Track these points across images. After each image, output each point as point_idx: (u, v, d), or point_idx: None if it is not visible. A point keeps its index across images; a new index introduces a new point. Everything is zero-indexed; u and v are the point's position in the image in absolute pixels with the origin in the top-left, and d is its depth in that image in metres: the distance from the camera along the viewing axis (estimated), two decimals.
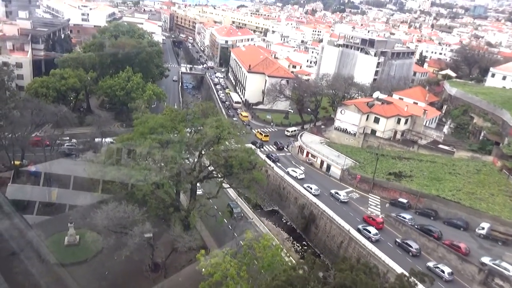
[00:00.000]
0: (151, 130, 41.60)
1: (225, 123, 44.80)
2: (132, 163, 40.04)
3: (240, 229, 41.78)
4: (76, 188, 59.84)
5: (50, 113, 74.12)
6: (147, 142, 39.81)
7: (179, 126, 43.24)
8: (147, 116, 45.86)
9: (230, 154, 41.18)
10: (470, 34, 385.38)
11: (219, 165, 42.25)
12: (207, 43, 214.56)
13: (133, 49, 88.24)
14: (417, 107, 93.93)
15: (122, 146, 41.72)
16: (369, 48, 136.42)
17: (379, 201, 69.73)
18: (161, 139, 40.94)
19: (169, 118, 44.75)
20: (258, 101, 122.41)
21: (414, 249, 54.63)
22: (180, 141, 40.71)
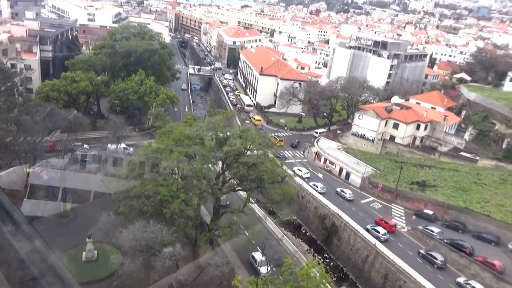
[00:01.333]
0: (176, 142, 39.10)
1: (253, 133, 42.32)
2: (159, 179, 37.52)
3: (272, 249, 39.16)
4: (91, 198, 57.95)
5: (62, 118, 71.99)
6: (173, 156, 37.28)
7: (205, 137, 40.73)
8: (171, 126, 43.30)
9: (261, 168, 38.66)
10: (476, 35, 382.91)
11: (248, 179, 39.71)
12: (214, 44, 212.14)
13: (146, 51, 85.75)
14: (436, 112, 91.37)
15: (146, 159, 39.18)
16: (382, 50, 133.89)
17: (403, 211, 67.25)
18: (188, 152, 38.46)
19: (195, 129, 42.21)
20: (269, 104, 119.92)
21: (439, 261, 52.58)
22: (207, 154, 38.21)
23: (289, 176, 45.92)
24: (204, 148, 38.81)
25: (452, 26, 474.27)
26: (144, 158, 39.17)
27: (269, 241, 42.31)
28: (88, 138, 78.64)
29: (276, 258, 37.06)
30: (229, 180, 45.98)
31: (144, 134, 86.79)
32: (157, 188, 36.27)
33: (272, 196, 40.99)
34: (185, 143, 39.23)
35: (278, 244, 45.51)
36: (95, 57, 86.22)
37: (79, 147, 73.79)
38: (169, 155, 37.75)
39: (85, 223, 52.95)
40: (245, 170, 38.27)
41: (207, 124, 45.17)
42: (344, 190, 71.05)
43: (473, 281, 49.66)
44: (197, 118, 50.77)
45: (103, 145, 76.94)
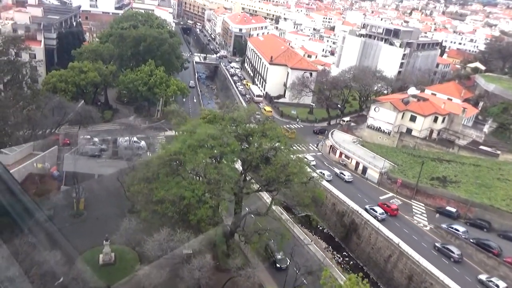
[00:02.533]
0: (200, 142, 36.62)
1: (279, 132, 39.90)
2: (183, 182, 35.15)
3: (302, 257, 37.00)
4: (105, 196, 55.85)
5: (71, 110, 69.67)
6: (199, 158, 34.92)
7: (230, 137, 38.28)
8: (193, 124, 40.68)
9: (290, 170, 36.29)
10: (483, 22, 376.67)
11: (276, 181, 37.35)
12: (219, 31, 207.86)
13: (155, 40, 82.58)
14: (454, 104, 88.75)
15: (168, 160, 36.69)
16: (394, 38, 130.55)
17: (424, 209, 65.13)
18: (214, 153, 36.10)
19: (219, 128, 39.68)
20: (279, 94, 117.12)
21: (456, 255, 51.61)
22: (232, 156, 35.87)
23: (318, 177, 43.34)
24: (230, 149, 36.48)
25: (458, 13, 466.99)
26: (166, 159, 36.69)
27: (297, 247, 40.15)
28: (97, 131, 76.33)
29: (306, 265, 35.03)
30: (251, 180, 43.73)
31: (154, 127, 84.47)
32: (181, 192, 34.01)
33: (301, 199, 38.78)
34: (210, 143, 36.82)
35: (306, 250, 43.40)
36: (102, 46, 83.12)
37: (88, 140, 71.51)
38: (194, 157, 35.37)
39: (100, 222, 51.10)
40: (273, 172, 35.94)
41: (229, 121, 42.64)
42: (343, 172, 72.67)
43: (496, 278, 48.26)
44: (217, 115, 48.02)
45: (112, 138, 74.74)
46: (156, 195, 34.13)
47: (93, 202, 55.01)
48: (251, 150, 36.55)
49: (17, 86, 56.09)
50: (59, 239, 43.46)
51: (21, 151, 54.53)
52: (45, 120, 57.57)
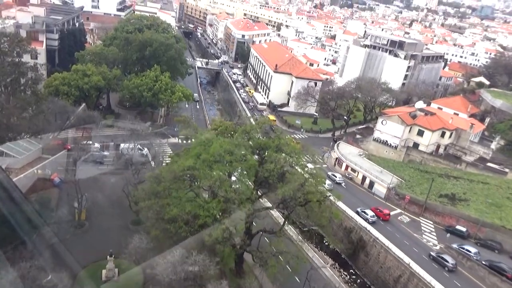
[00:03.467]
0: (216, 158, 34.88)
1: (296, 148, 38.31)
2: (198, 200, 33.34)
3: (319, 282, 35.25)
4: (108, 206, 53.84)
5: (73, 114, 67.74)
6: (215, 175, 33.17)
7: (247, 152, 36.63)
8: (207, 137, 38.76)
9: (308, 189, 34.64)
10: (482, 35, 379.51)
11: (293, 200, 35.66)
12: (221, 36, 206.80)
13: (161, 45, 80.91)
14: (461, 119, 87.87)
15: (182, 176, 34.87)
16: (399, 50, 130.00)
17: (433, 227, 63.75)
18: (230, 170, 34.40)
19: (235, 142, 37.93)
20: (282, 103, 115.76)
21: (451, 264, 52.46)
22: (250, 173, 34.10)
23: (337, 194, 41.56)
24: (247, 165, 34.82)
25: (457, 25, 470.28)
26: (179, 174, 34.83)
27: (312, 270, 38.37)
28: (99, 136, 74.40)
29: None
30: (262, 196, 42.03)
31: (157, 133, 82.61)
32: (196, 211, 32.25)
33: (318, 219, 37.10)
34: (227, 159, 35.13)
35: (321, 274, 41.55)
36: (107, 50, 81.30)
37: (90, 146, 69.52)
38: (209, 173, 33.64)
39: (103, 234, 49.09)
40: (290, 191, 34.28)
41: (241, 134, 40.97)
42: (335, 174, 74.29)
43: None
44: (228, 126, 46.31)
45: (115, 144, 72.87)
46: (168, 213, 32.32)
47: (95, 211, 52.97)
48: (269, 167, 34.87)
49: (20, 89, 54.03)
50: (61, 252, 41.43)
51: (29, 154, 52.63)
52: (48, 125, 55.56)
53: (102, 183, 58.22)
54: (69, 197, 52.76)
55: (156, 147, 73.57)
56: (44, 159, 54.53)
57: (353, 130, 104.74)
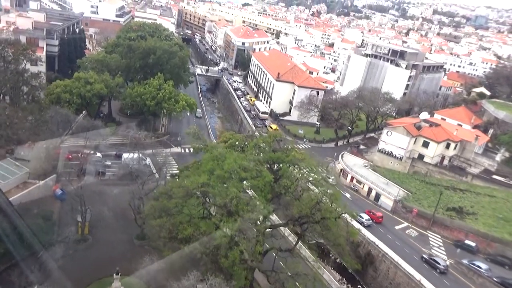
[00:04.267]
0: (231, 174, 33.60)
1: (311, 162, 37.17)
2: (214, 219, 31.95)
3: None
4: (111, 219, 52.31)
5: (76, 123, 66.29)
6: (231, 192, 31.81)
7: (262, 168, 35.41)
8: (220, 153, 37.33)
9: (325, 206, 33.50)
10: (477, 45, 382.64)
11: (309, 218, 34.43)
12: (220, 43, 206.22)
13: (165, 53, 79.75)
14: (466, 131, 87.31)
15: (196, 193, 33.48)
16: (400, 60, 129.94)
17: (441, 241, 62.72)
18: (246, 187, 33.15)
19: (251, 157, 36.70)
20: (284, 111, 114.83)
21: (442, 266, 53.89)
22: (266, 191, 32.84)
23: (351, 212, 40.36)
24: (263, 182, 33.60)
25: (452, 34, 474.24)
26: (192, 190, 33.42)
27: None
28: (101, 145, 72.82)
29: None
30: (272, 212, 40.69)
31: (160, 142, 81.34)
32: (211, 231, 30.90)
33: (335, 238, 35.89)
34: (242, 176, 33.87)
35: None
36: (109, 57, 79.99)
37: (92, 155, 67.95)
38: (224, 190, 32.31)
39: (107, 249, 47.55)
40: (307, 209, 33.05)
41: (253, 148, 39.74)
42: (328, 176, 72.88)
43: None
44: (239, 139, 45.01)
45: (117, 154, 71.41)
46: (182, 232, 30.91)
47: (98, 225, 51.42)
48: (285, 183, 33.68)
49: (23, 98, 52.45)
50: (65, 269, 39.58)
51: (15, 179, 49.60)
52: (50, 135, 54.07)
53: (105, 195, 56.79)
54: (72, 210, 51.22)
55: (159, 157, 72.23)
56: (30, 185, 51.50)
57: (355, 140, 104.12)
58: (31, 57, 60.32)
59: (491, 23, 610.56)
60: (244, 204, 31.70)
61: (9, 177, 48.32)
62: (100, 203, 53.78)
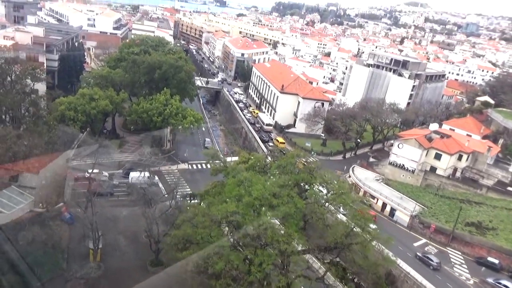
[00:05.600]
0: (261, 201, 31.38)
1: (343, 186, 35.12)
2: (247, 252, 29.55)
3: None
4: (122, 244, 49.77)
5: (81, 141, 63.90)
6: (264, 221, 29.51)
7: (292, 193, 33.33)
8: (245, 177, 35.09)
9: (357, 232, 31.46)
10: (471, 52, 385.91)
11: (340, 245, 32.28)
12: (218, 54, 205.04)
13: (171, 67, 77.78)
14: (478, 142, 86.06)
15: (224, 223, 31.17)
16: (403, 69, 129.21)
17: (462, 258, 60.74)
18: (278, 215, 30.93)
19: (280, 182, 34.54)
20: (289, 123, 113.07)
21: (435, 263, 55.37)
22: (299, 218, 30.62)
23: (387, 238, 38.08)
24: (295, 209, 31.49)
25: (445, 42, 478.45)
26: (219, 219, 31.14)
27: None
28: (107, 164, 70.30)
29: None
30: None
31: (166, 159, 78.95)
32: (245, 266, 28.55)
33: (371, 267, 33.72)
34: (274, 203, 31.71)
35: None
36: (114, 72, 77.79)
37: (98, 175, 65.33)
38: (256, 219, 30.07)
39: (121, 277, 44.96)
40: (342, 237, 30.84)
41: (276, 169, 37.65)
42: None
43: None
44: (260, 159, 42.69)
45: (124, 172, 69.03)
46: (213, 267, 28.53)
47: (110, 250, 48.90)
48: (315, 209, 31.60)
49: (30, 120, 49.99)
50: None
51: (19, 209, 46.84)
52: (56, 156, 51.59)
53: (114, 217, 54.09)
54: (82, 234, 48.64)
55: (168, 175, 70.04)
56: (37, 213, 48.84)
57: (363, 152, 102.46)
58: (40, 76, 57.85)
59: (482, 30, 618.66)
60: (278, 235, 29.36)
61: (14, 207, 45.50)
62: (110, 226, 51.24)
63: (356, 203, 36.01)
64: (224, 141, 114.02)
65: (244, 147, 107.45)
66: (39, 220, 45.29)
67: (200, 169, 76.53)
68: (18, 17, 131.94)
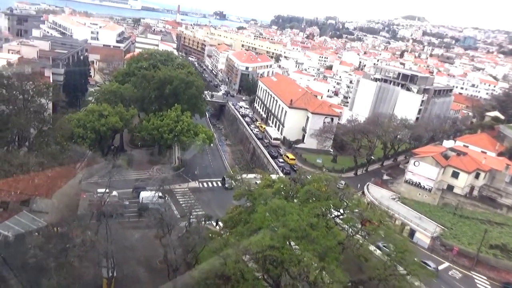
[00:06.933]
0: (298, 233, 28.82)
1: (382, 214, 32.74)
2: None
3: None
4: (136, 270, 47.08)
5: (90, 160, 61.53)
6: (307, 258, 26.88)
7: (331, 223, 30.95)
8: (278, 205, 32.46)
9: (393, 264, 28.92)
10: (471, 66, 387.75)
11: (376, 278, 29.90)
12: (221, 67, 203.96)
13: (182, 83, 75.88)
14: (494, 159, 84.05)
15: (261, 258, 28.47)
16: (411, 84, 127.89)
17: (488, 283, 58.18)
18: (319, 249, 28.41)
19: (317, 211, 32.15)
20: (297, 139, 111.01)
21: (432, 268, 54.08)
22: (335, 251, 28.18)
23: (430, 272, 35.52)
24: (335, 242, 29.06)
25: (444, 55, 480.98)
26: (255, 254, 28.61)
27: None
28: (115, 182, 67.61)
29: None
30: None
31: (175, 176, 76.43)
32: None
33: None
34: (313, 235, 29.26)
35: None
36: (123, 88, 75.76)
37: (108, 194, 62.62)
38: (296, 256, 27.47)
39: None
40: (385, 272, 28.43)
41: (305, 194, 35.28)
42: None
43: None
44: (286, 183, 40.04)
45: (134, 191, 66.49)
46: None
47: (124, 279, 46.08)
48: (355, 242, 29.13)
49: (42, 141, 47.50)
50: None
51: None
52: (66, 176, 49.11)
53: (126, 241, 51.23)
54: (93, 261, 45.85)
55: (179, 194, 67.55)
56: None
57: (374, 168, 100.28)
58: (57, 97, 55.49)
59: (479, 43, 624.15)
60: (322, 274, 26.77)
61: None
62: (121, 251, 48.46)
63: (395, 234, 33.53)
64: (231, 156, 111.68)
65: (252, 162, 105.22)
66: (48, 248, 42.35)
67: (211, 188, 74.06)
68: (21, 30, 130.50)
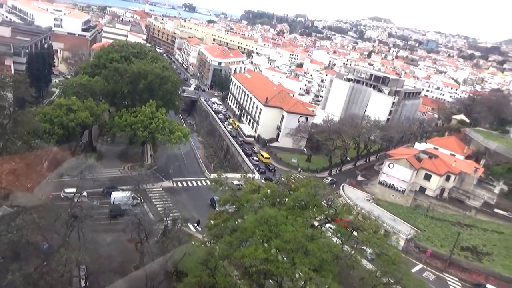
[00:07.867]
0: (293, 246, 27.12)
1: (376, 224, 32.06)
2: None
3: None
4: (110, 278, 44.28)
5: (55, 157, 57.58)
6: (303, 272, 25.17)
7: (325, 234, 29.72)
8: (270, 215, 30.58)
9: None
10: (434, 68, 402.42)
11: None
12: (192, 61, 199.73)
13: (157, 78, 72.52)
14: (464, 162, 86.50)
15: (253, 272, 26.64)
16: (383, 86, 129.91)
17: (460, 285, 59.51)
18: (315, 262, 27.03)
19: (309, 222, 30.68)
20: (271, 137, 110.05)
21: None
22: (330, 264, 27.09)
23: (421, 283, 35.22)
24: (332, 254, 27.88)
25: (409, 57, 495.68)
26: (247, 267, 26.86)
27: None
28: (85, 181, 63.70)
29: None
30: None
31: (148, 176, 73.23)
32: None
33: None
34: (309, 248, 27.79)
35: None
36: (93, 81, 71.43)
37: (76, 195, 58.78)
38: (291, 269, 26.02)
39: None
40: None
41: (293, 201, 34.02)
42: None
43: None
44: (274, 188, 38.22)
45: (105, 191, 62.94)
46: None
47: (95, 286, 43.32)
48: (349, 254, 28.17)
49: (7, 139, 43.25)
50: None
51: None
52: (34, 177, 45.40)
53: (97, 246, 48.21)
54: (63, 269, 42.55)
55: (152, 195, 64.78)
56: None
57: (347, 168, 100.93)
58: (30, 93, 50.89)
59: (441, 47, 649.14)
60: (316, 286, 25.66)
61: None
62: (93, 257, 45.42)
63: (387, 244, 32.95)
64: (204, 153, 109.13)
65: (226, 161, 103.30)
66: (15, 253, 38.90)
67: (186, 188, 71.59)
68: None
